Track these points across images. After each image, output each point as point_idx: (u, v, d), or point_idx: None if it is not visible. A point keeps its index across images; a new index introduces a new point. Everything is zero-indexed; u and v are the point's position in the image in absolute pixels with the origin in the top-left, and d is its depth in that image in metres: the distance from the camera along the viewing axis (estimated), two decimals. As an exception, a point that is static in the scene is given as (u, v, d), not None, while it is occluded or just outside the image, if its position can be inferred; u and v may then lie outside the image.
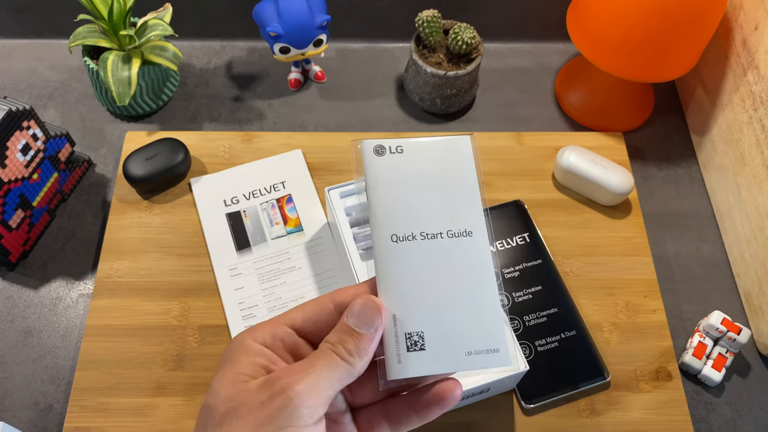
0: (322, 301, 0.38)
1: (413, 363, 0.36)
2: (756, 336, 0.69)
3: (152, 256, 0.72)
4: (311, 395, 0.33)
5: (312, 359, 0.34)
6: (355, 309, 0.36)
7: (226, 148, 0.79)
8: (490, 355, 0.37)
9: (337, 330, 0.36)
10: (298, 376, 0.33)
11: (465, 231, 0.39)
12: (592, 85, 0.84)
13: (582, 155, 0.75)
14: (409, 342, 0.37)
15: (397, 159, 0.40)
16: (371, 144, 0.40)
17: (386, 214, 0.39)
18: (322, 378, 0.33)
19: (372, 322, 0.36)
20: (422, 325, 0.37)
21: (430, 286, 0.38)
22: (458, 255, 0.38)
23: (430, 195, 0.39)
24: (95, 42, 0.76)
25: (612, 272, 0.72)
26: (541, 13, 0.89)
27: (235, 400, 0.33)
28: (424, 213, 0.39)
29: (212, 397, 0.34)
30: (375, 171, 0.40)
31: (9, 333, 0.69)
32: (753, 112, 0.71)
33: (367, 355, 0.35)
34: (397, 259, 0.38)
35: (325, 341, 0.35)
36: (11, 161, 0.67)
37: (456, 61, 0.80)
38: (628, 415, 0.64)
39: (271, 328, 0.37)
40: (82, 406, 0.63)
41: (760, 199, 0.69)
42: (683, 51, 0.74)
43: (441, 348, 0.37)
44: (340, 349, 0.35)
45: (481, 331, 0.37)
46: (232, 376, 0.35)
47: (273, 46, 0.79)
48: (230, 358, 0.36)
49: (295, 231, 0.73)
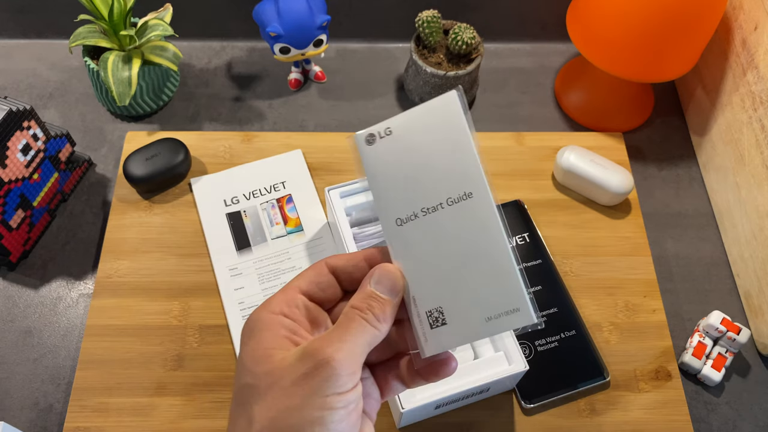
0: (317, 265, 0.39)
1: (439, 339, 0.37)
2: (755, 336, 0.70)
3: (152, 256, 0.72)
4: (350, 362, 0.34)
5: (344, 327, 0.36)
6: (377, 276, 0.38)
7: (226, 148, 0.79)
8: (511, 316, 0.36)
9: (362, 296, 0.37)
10: (335, 346, 0.34)
11: (464, 194, 0.38)
12: (592, 85, 0.84)
13: (582, 155, 0.75)
14: (431, 319, 0.37)
15: (388, 143, 0.39)
16: (362, 135, 0.39)
17: (387, 201, 0.39)
18: (356, 345, 0.35)
19: (394, 288, 0.37)
20: (439, 301, 0.37)
21: (439, 260, 0.37)
22: (461, 221, 0.37)
23: (425, 168, 0.38)
24: (95, 42, 0.76)
25: (612, 272, 0.72)
26: (541, 13, 0.89)
27: (275, 374, 0.35)
28: (421, 188, 0.38)
29: (249, 375, 0.35)
30: (370, 162, 0.39)
31: (9, 333, 0.69)
32: (753, 112, 0.71)
33: (391, 319, 0.37)
34: (405, 242, 0.38)
35: (351, 307, 0.37)
36: (12, 161, 0.67)
37: (456, 61, 0.80)
38: (627, 414, 0.64)
39: (284, 297, 0.38)
40: (82, 405, 0.63)
41: (760, 199, 0.69)
42: (683, 51, 0.74)
43: (462, 319, 0.37)
44: (369, 315, 0.36)
45: (498, 294, 0.36)
46: (263, 352, 0.36)
47: (273, 46, 0.79)
48: (252, 336, 0.37)
49: (295, 231, 0.73)
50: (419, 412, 0.60)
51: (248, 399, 0.35)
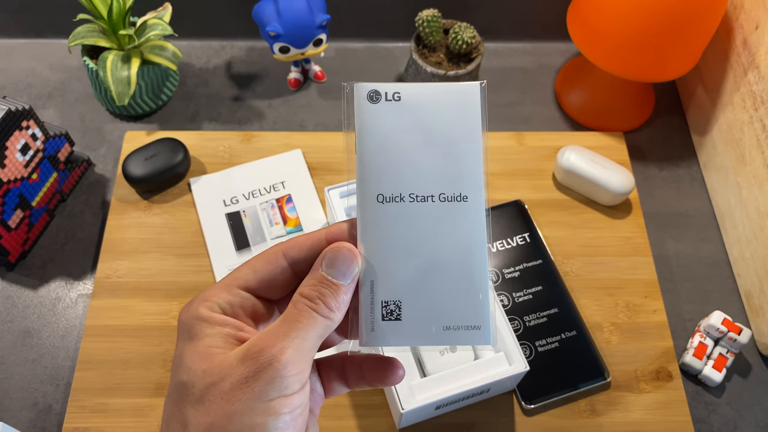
0: (272, 255, 0.35)
1: (386, 333, 0.35)
2: (757, 336, 0.69)
3: (152, 256, 0.72)
4: (297, 362, 0.31)
5: (291, 320, 0.32)
6: (329, 258, 0.34)
7: (225, 148, 0.79)
8: (470, 332, 0.35)
9: (312, 281, 0.34)
10: (281, 345, 0.31)
11: (460, 196, 0.35)
12: (593, 84, 0.84)
13: (582, 155, 0.75)
14: (385, 311, 0.35)
15: (393, 108, 0.36)
16: (365, 88, 0.36)
17: (374, 171, 0.35)
18: (304, 340, 0.32)
19: (349, 271, 0.34)
20: (400, 294, 0.35)
21: (413, 253, 0.35)
22: (449, 221, 0.35)
23: (426, 152, 0.35)
24: (95, 42, 0.76)
25: (612, 272, 0.72)
26: (541, 12, 0.89)
27: (214, 374, 0.32)
28: (415, 172, 0.35)
29: (185, 373, 0.32)
30: (366, 120, 0.36)
31: (8, 333, 0.68)
32: (753, 111, 0.71)
33: (345, 307, 0.34)
34: (381, 222, 0.35)
35: (300, 295, 0.33)
36: (10, 161, 0.67)
37: (456, 60, 0.80)
38: (628, 415, 0.64)
39: (226, 296, 0.34)
40: (81, 406, 0.63)
41: (761, 199, 0.69)
42: (684, 51, 0.74)
43: (418, 320, 0.35)
44: (320, 307, 0.33)
45: (464, 306, 0.35)
46: (202, 349, 0.33)
47: (273, 45, 0.78)
48: (191, 332, 0.33)
49: (295, 231, 0.73)
50: (419, 413, 0.60)
51: (183, 400, 0.32)
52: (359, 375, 0.37)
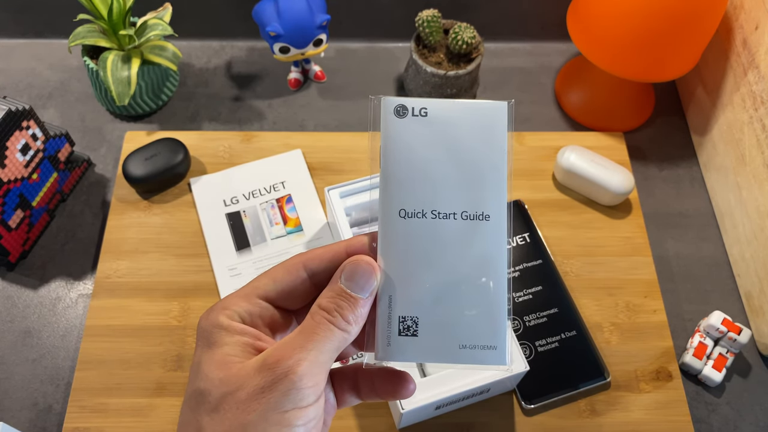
0: (292, 266, 0.36)
1: (402, 348, 0.35)
2: (756, 336, 0.69)
3: (152, 256, 0.72)
4: (314, 374, 0.32)
5: (308, 332, 0.32)
6: (348, 271, 0.34)
7: (225, 148, 0.79)
8: (485, 351, 0.35)
9: (330, 294, 0.34)
10: (298, 357, 0.31)
11: (482, 215, 0.35)
12: (593, 84, 0.84)
13: (582, 155, 0.75)
14: (402, 326, 0.35)
15: (419, 123, 0.36)
16: (392, 102, 0.36)
17: (398, 186, 0.35)
18: (321, 353, 0.32)
19: (367, 285, 0.34)
20: (418, 310, 0.35)
21: (433, 269, 0.35)
22: (470, 240, 0.35)
23: (450, 168, 0.35)
24: (95, 42, 0.76)
25: (612, 272, 0.72)
26: (541, 12, 0.89)
27: (230, 383, 0.32)
28: (439, 188, 0.35)
29: (203, 380, 0.33)
30: (392, 134, 0.36)
31: (8, 333, 0.68)
32: (753, 111, 0.71)
33: (362, 320, 0.34)
34: (402, 237, 0.35)
35: (318, 307, 0.33)
36: (11, 161, 0.67)
37: (456, 60, 0.80)
38: (628, 415, 0.64)
39: (245, 305, 0.35)
40: (82, 406, 0.63)
41: (761, 199, 0.69)
42: (683, 51, 0.74)
43: (434, 337, 0.35)
44: (337, 319, 0.33)
45: (481, 326, 0.35)
46: (220, 358, 0.33)
47: (273, 45, 0.78)
48: (210, 339, 0.34)
49: (295, 231, 0.73)
50: (419, 413, 0.60)
51: (199, 407, 0.32)
52: (371, 387, 0.37)
